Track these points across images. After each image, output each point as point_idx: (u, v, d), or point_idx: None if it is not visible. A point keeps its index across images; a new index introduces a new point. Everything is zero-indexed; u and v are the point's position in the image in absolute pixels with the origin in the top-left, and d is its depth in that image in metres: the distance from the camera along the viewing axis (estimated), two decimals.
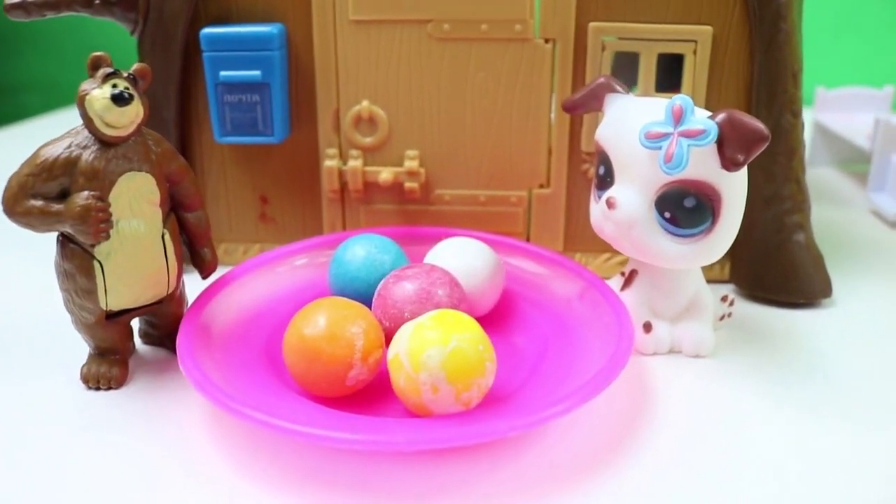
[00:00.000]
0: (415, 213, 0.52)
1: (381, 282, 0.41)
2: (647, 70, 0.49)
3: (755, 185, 0.48)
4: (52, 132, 0.38)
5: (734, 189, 0.39)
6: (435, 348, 0.34)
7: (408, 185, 0.51)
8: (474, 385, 0.34)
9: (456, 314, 0.36)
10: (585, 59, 0.49)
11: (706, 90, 0.49)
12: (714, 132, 0.37)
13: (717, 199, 0.39)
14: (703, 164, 0.38)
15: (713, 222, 0.39)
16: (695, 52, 0.48)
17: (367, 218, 0.53)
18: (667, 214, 0.39)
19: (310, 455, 0.35)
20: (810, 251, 0.50)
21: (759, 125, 0.37)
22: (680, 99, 0.38)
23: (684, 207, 0.39)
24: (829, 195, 0.73)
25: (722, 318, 0.46)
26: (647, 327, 0.43)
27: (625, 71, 0.53)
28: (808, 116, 0.80)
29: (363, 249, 0.44)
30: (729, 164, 0.38)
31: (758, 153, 0.37)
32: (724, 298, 0.46)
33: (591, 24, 0.48)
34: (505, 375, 0.39)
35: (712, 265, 0.51)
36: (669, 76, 0.50)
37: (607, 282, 0.45)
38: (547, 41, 0.49)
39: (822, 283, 0.50)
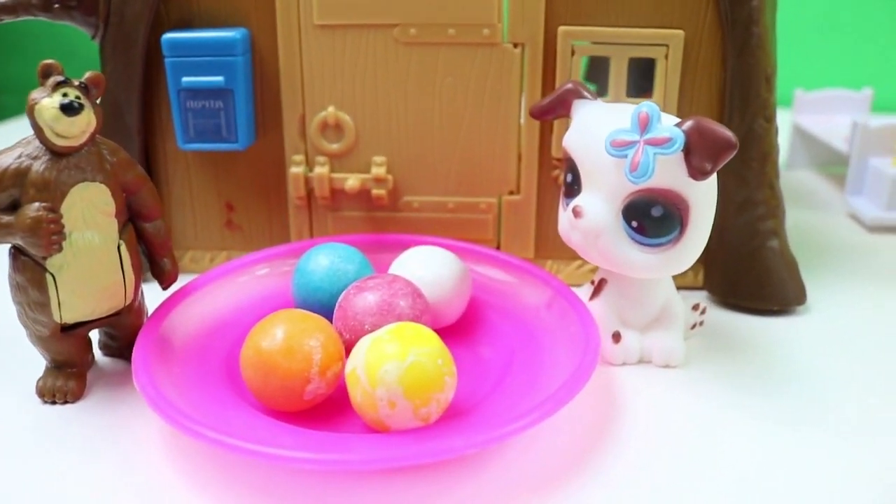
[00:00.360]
0: (383, 221, 0.52)
1: (343, 293, 0.40)
2: (618, 75, 0.48)
3: (728, 191, 0.48)
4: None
5: (703, 198, 0.38)
6: (392, 363, 0.33)
7: (375, 191, 0.50)
8: (433, 400, 0.33)
9: (415, 327, 0.35)
10: (555, 63, 0.48)
11: (678, 95, 0.48)
12: (680, 140, 0.36)
13: (684, 208, 0.38)
14: (670, 173, 0.37)
15: (681, 231, 0.39)
16: (666, 57, 0.47)
17: (335, 225, 0.52)
18: (634, 223, 0.39)
19: (266, 472, 0.34)
20: (784, 257, 0.49)
21: (727, 133, 0.36)
22: (646, 106, 0.37)
23: (651, 216, 0.38)
24: (807, 198, 0.72)
25: (693, 326, 0.46)
26: (616, 337, 0.43)
27: (601, 75, 0.53)
28: (786, 119, 0.80)
29: (327, 259, 0.43)
30: (696, 173, 0.37)
31: (725, 162, 0.36)
32: (695, 307, 0.46)
33: (561, 29, 0.47)
34: (469, 387, 0.39)
35: (685, 272, 0.50)
36: (646, 80, 0.49)
37: (577, 290, 0.44)
38: (516, 46, 0.48)
39: (797, 290, 0.49)
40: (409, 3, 0.47)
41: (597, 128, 0.39)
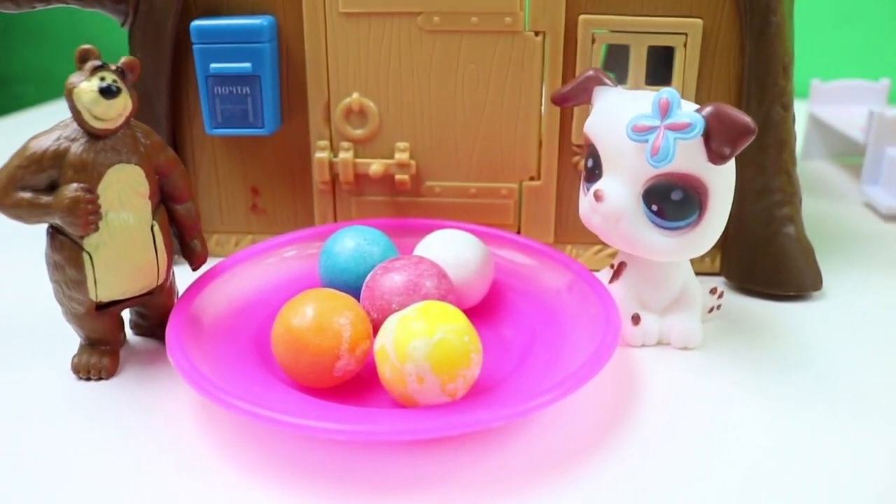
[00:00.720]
0: (406, 205, 0.53)
1: (370, 274, 0.41)
2: (638, 62, 0.49)
3: (745, 178, 0.48)
4: (48, 123, 0.39)
5: (721, 182, 0.39)
6: (420, 340, 0.34)
7: (398, 177, 0.51)
8: (459, 376, 0.34)
9: (442, 305, 0.36)
10: (576, 51, 0.49)
11: (696, 83, 0.49)
12: (700, 125, 0.37)
13: (704, 192, 0.39)
14: (689, 158, 0.38)
15: (700, 215, 0.39)
16: (685, 45, 0.48)
17: (359, 209, 0.53)
18: (654, 207, 0.39)
19: (297, 445, 0.35)
20: (800, 243, 0.50)
21: (746, 118, 0.37)
22: (666, 92, 0.38)
23: (671, 200, 0.39)
24: (823, 188, 0.73)
25: (711, 310, 0.46)
26: (636, 319, 0.44)
27: (619, 63, 0.53)
28: (803, 109, 0.80)
29: (352, 241, 0.44)
30: (715, 158, 0.38)
31: (744, 147, 0.37)
32: (713, 291, 0.46)
33: (581, 17, 0.48)
34: (492, 366, 0.40)
35: (703, 257, 0.51)
36: (663, 70, 0.50)
37: (596, 274, 0.45)
38: (537, 34, 0.49)
39: (812, 276, 0.50)
40: None
41: (618, 113, 0.40)
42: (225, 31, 0.48)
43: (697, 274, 0.46)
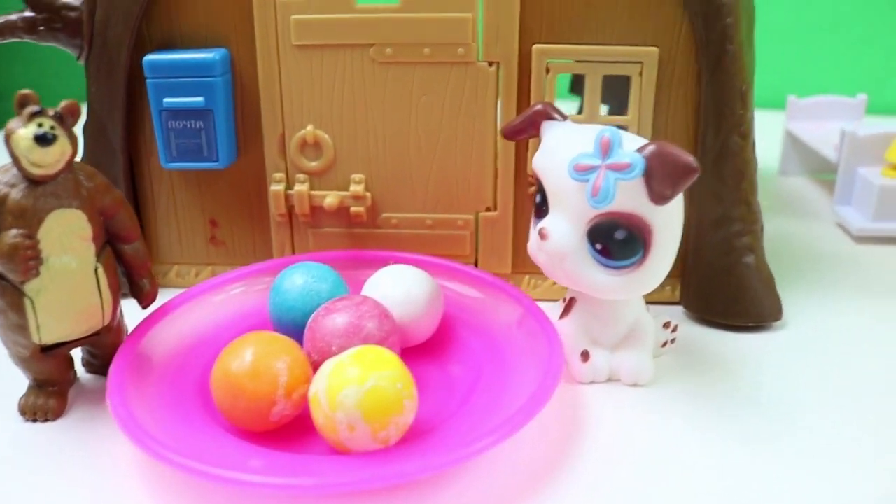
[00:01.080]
0: (362, 237, 0.52)
1: (313, 314, 0.41)
2: (593, 92, 0.49)
3: (704, 208, 0.48)
4: None
5: (666, 221, 0.39)
6: (351, 388, 0.34)
7: (354, 209, 0.51)
8: (391, 423, 0.34)
9: (377, 351, 0.36)
10: (530, 81, 0.48)
11: (653, 112, 0.49)
12: (641, 166, 0.37)
13: (647, 232, 0.38)
14: (631, 197, 0.38)
15: (645, 254, 0.39)
16: (641, 74, 0.48)
17: (316, 241, 0.53)
18: (598, 246, 0.39)
19: (235, 494, 0.35)
20: (760, 273, 0.49)
21: (688, 158, 0.36)
22: (608, 131, 0.38)
23: (615, 239, 0.39)
24: (796, 206, 0.72)
25: (664, 344, 0.46)
26: (585, 356, 0.43)
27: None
28: (780, 124, 0.80)
29: (301, 278, 0.44)
30: (657, 198, 0.37)
31: (686, 187, 0.37)
32: (666, 325, 0.46)
33: (535, 47, 0.48)
34: (434, 407, 0.39)
35: (662, 287, 0.51)
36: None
37: (550, 307, 0.45)
38: (490, 64, 0.48)
39: (772, 306, 0.49)
40: (384, 23, 0.48)
41: (563, 150, 0.40)
42: (177, 66, 0.48)
43: (657, 303, 0.45)
